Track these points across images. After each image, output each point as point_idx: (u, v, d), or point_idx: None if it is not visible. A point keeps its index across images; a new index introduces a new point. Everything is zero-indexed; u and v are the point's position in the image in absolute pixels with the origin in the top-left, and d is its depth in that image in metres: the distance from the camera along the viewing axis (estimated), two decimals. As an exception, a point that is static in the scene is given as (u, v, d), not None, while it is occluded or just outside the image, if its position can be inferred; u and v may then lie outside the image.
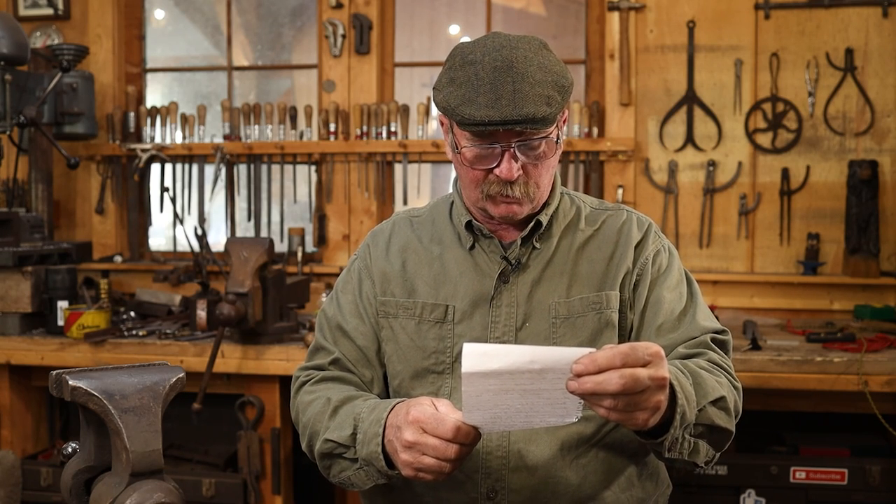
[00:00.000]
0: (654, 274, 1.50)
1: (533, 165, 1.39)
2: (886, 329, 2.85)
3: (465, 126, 1.35)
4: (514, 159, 1.37)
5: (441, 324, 1.49)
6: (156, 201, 3.69)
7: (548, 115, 1.34)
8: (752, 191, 3.28)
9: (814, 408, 2.71)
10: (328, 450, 1.42)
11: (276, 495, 2.77)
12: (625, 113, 3.32)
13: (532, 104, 1.32)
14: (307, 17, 3.79)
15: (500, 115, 1.31)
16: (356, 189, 3.49)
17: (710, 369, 1.39)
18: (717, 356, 1.44)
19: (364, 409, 1.38)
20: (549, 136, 1.38)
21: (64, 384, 0.96)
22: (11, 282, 2.91)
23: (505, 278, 1.48)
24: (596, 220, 1.55)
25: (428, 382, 1.48)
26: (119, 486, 0.96)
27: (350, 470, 1.40)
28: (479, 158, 1.39)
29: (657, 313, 1.47)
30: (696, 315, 1.49)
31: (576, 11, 3.60)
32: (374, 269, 1.58)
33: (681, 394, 1.23)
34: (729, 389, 1.38)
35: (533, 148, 1.37)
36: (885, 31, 3.19)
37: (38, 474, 2.88)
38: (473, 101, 1.33)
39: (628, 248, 1.50)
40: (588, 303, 1.46)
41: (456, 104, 1.35)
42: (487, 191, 1.41)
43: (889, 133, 3.20)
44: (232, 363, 2.72)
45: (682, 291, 1.52)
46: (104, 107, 3.61)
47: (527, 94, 1.32)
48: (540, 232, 1.49)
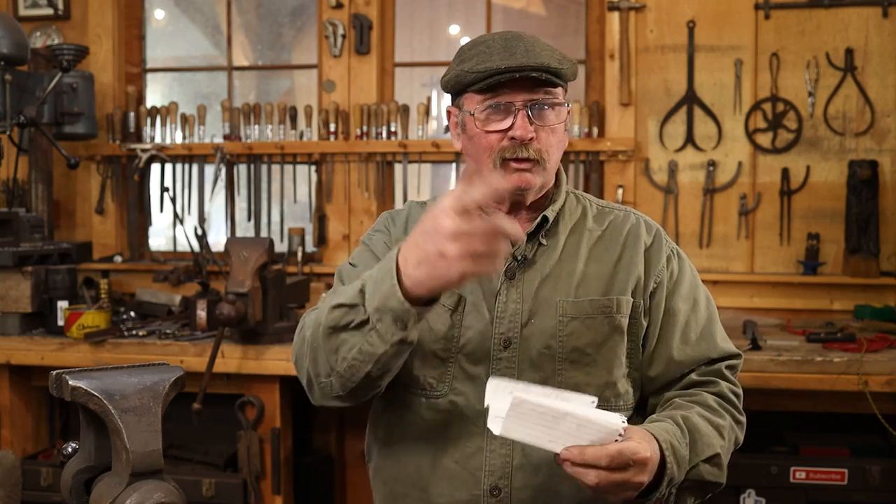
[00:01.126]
0: (668, 282, 1.51)
1: (544, 131, 1.41)
2: (886, 329, 2.85)
3: (481, 81, 1.38)
4: (528, 118, 1.39)
5: (453, 312, 1.46)
6: (156, 201, 3.69)
7: (561, 69, 1.38)
8: (752, 191, 3.29)
9: (814, 408, 2.71)
10: (334, 321, 1.27)
11: (276, 495, 2.77)
12: (625, 113, 3.32)
13: (545, 56, 1.38)
14: (307, 17, 3.79)
15: (516, 62, 1.36)
16: (356, 189, 3.49)
17: (713, 413, 1.44)
18: (727, 386, 1.50)
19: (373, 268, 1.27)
20: (560, 104, 1.42)
21: (64, 384, 0.96)
22: (11, 282, 2.91)
23: (511, 274, 1.47)
24: (603, 220, 1.54)
25: (432, 367, 1.46)
26: (119, 486, 0.96)
27: (360, 339, 1.25)
28: (493, 119, 1.41)
29: (674, 325, 1.50)
30: (716, 335, 1.53)
31: (576, 11, 3.60)
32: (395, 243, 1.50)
33: (671, 460, 1.29)
34: (730, 431, 1.44)
35: (546, 110, 1.41)
36: (885, 31, 3.19)
37: (38, 474, 2.88)
38: (487, 60, 1.38)
39: (637, 251, 1.50)
40: (598, 305, 1.45)
41: (468, 67, 1.40)
42: (501, 155, 1.41)
43: (889, 133, 3.20)
44: (232, 363, 2.72)
45: (697, 299, 1.53)
46: (104, 107, 3.61)
47: (540, 49, 1.39)
48: (546, 228, 1.49)
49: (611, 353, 1.45)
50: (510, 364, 1.44)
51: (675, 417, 1.39)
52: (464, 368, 1.45)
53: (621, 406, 1.47)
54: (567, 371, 1.44)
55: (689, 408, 1.45)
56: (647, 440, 1.26)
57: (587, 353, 1.44)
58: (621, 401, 1.47)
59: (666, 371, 1.50)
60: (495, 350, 1.44)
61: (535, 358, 1.44)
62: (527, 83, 1.39)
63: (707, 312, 1.54)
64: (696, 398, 1.48)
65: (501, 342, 1.44)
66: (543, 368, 1.44)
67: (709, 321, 1.54)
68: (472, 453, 1.42)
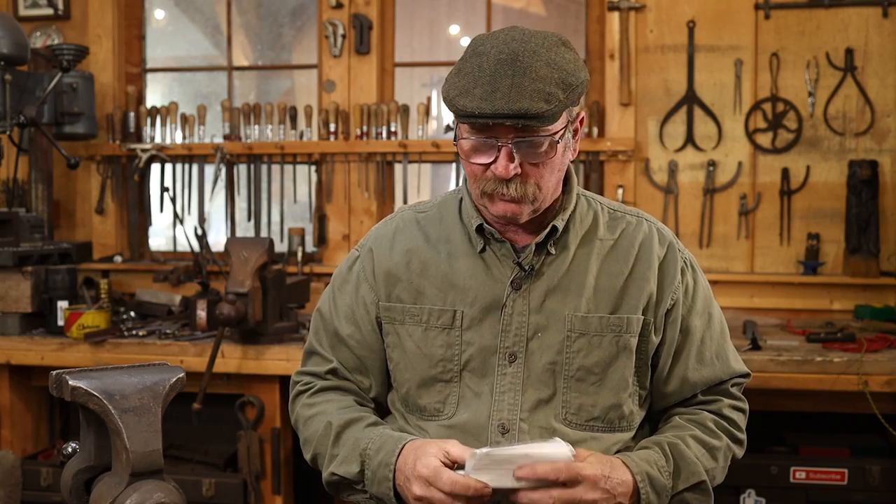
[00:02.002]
0: (684, 299, 1.49)
1: (533, 165, 1.33)
2: (886, 329, 2.85)
3: (460, 118, 1.32)
4: (511, 157, 1.31)
5: (449, 330, 1.44)
6: (156, 201, 3.69)
7: (545, 113, 1.28)
8: (752, 191, 3.28)
9: (814, 408, 2.71)
10: (336, 481, 1.46)
11: (276, 495, 2.77)
12: (625, 113, 3.32)
13: (528, 99, 1.27)
14: (307, 17, 3.79)
15: (492, 108, 1.27)
16: (356, 189, 3.49)
17: (709, 434, 1.46)
18: (730, 404, 1.52)
19: (370, 445, 1.39)
20: (554, 135, 1.33)
21: (64, 384, 0.96)
22: (11, 282, 2.91)
23: (517, 285, 1.43)
24: (615, 228, 1.49)
25: (435, 391, 1.45)
26: (119, 486, 0.96)
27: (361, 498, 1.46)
28: (476, 152, 1.35)
29: (690, 344, 1.49)
30: (729, 355, 1.54)
31: (576, 11, 3.60)
32: (378, 271, 1.52)
33: (645, 489, 1.33)
34: (725, 451, 1.47)
35: (533, 146, 1.32)
36: (885, 31, 3.19)
37: (38, 474, 2.88)
38: (469, 93, 1.29)
39: (650, 265, 1.46)
40: (607, 323, 1.42)
41: (454, 95, 1.32)
42: (484, 187, 1.36)
43: (889, 133, 3.20)
44: (232, 363, 2.72)
45: (711, 313, 1.53)
46: (104, 107, 3.61)
47: (524, 89, 1.27)
48: (555, 238, 1.44)
49: (618, 374, 1.43)
50: (515, 380, 1.41)
51: (663, 445, 1.41)
52: (469, 386, 1.43)
53: (625, 427, 1.46)
54: (572, 390, 1.42)
55: (685, 429, 1.46)
56: (601, 462, 1.31)
57: (594, 372, 1.42)
58: (625, 422, 1.46)
59: (679, 390, 1.51)
60: (500, 365, 1.42)
61: (541, 373, 1.41)
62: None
63: (720, 326, 1.55)
64: (694, 417, 1.49)
65: (507, 357, 1.42)
66: (548, 385, 1.42)
67: (722, 337, 1.54)
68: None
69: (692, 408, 1.52)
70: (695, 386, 1.50)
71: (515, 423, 1.40)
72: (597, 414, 1.43)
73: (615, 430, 1.44)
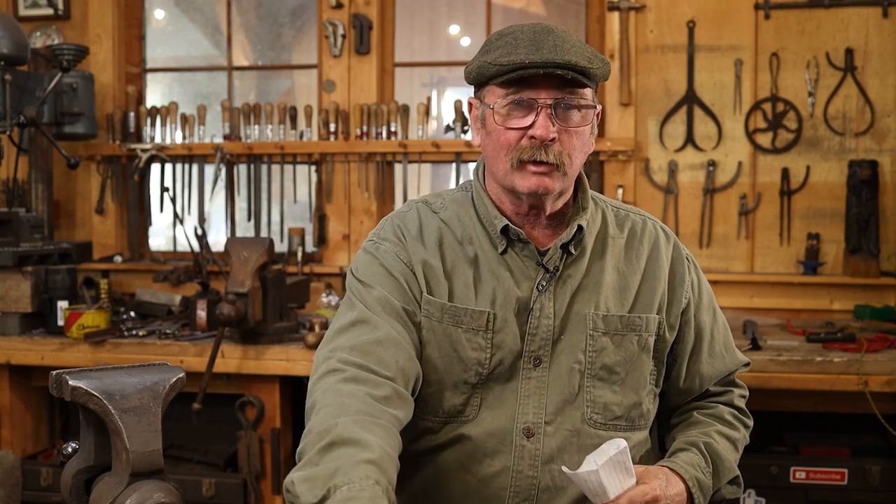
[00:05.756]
0: (695, 298, 1.51)
1: (567, 134, 1.33)
2: (886, 329, 2.85)
3: (504, 74, 1.31)
4: (551, 119, 1.31)
5: (483, 332, 1.39)
6: (156, 201, 3.69)
7: (589, 69, 1.29)
8: (752, 191, 3.28)
9: (814, 408, 2.71)
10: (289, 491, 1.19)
11: (276, 495, 2.77)
12: (625, 113, 3.32)
13: (574, 54, 1.29)
14: (307, 17, 3.79)
15: (542, 58, 1.28)
16: (356, 189, 3.49)
17: (730, 427, 1.51)
18: (738, 393, 1.58)
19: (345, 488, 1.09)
20: (587, 106, 1.34)
21: (64, 384, 0.96)
22: (11, 282, 2.91)
23: (542, 287, 1.41)
24: (622, 227, 1.50)
25: (460, 393, 1.41)
26: (119, 486, 0.96)
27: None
28: (514, 115, 1.33)
29: (702, 340, 1.52)
30: (733, 346, 1.58)
31: (576, 11, 3.60)
32: (415, 259, 1.43)
33: (697, 496, 1.38)
34: (742, 442, 1.53)
35: (570, 109, 1.32)
36: (885, 31, 3.19)
37: (38, 474, 2.88)
38: (513, 52, 1.30)
39: (661, 266, 1.47)
40: (627, 322, 1.42)
41: (492, 59, 1.32)
42: (519, 156, 1.33)
43: (889, 133, 3.20)
44: (232, 363, 2.72)
45: (715, 308, 1.57)
46: (104, 107, 3.61)
47: (569, 46, 1.30)
48: (579, 238, 1.42)
49: (638, 373, 1.44)
50: (540, 384, 1.40)
51: (699, 445, 1.44)
52: (493, 390, 1.41)
53: (643, 425, 1.47)
54: (595, 389, 1.41)
55: (708, 425, 1.50)
56: (657, 477, 1.33)
57: (616, 371, 1.42)
58: (643, 420, 1.47)
59: (696, 386, 1.54)
60: (525, 369, 1.40)
61: (565, 374, 1.40)
62: (553, 81, 1.31)
63: (722, 318, 1.59)
64: (713, 411, 1.53)
65: (532, 360, 1.40)
66: (572, 385, 1.40)
67: (725, 329, 1.58)
68: (498, 472, 1.39)
69: (706, 401, 1.55)
70: (709, 380, 1.54)
71: (541, 427, 1.39)
72: (620, 413, 1.43)
73: (635, 428, 1.45)
